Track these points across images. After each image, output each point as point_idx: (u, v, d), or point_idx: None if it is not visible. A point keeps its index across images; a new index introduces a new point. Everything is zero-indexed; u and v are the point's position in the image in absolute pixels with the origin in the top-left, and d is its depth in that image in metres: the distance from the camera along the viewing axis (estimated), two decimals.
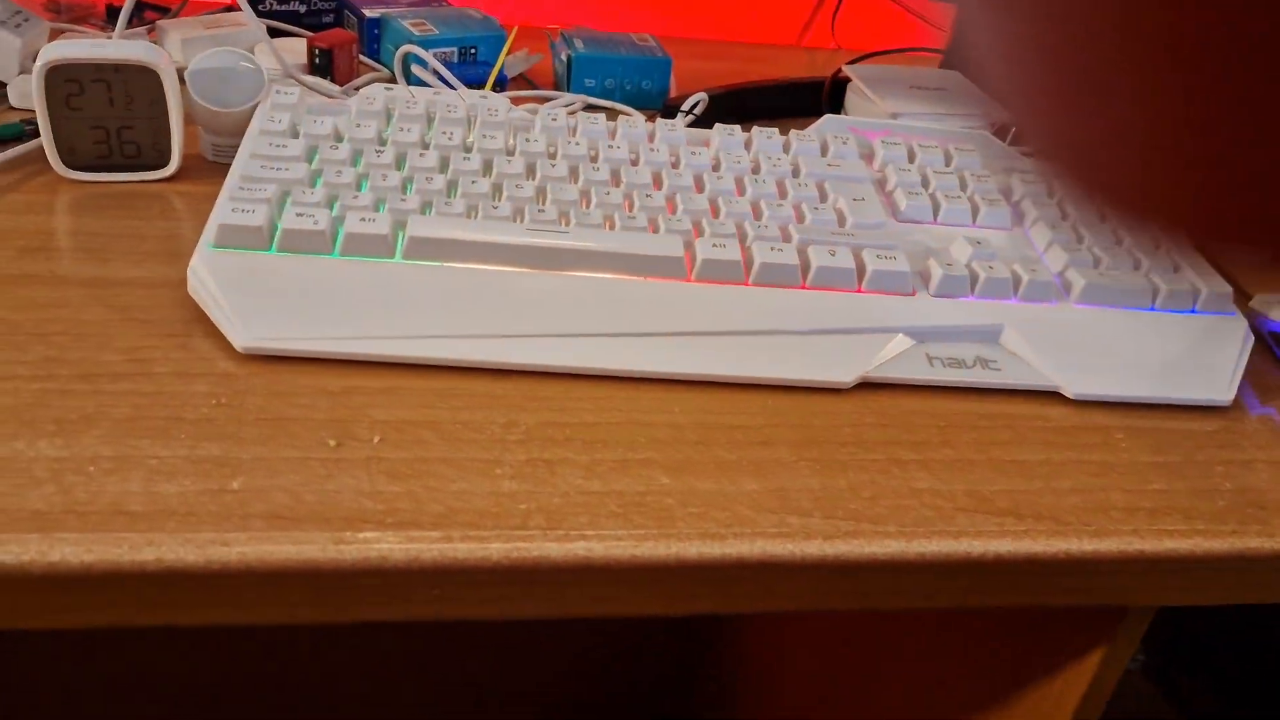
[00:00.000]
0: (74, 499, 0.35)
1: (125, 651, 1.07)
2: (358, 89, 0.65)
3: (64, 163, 0.52)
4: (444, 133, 0.52)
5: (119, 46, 0.50)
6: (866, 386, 0.45)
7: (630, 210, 0.50)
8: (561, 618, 0.37)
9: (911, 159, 0.57)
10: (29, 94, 0.58)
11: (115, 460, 0.37)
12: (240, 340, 0.42)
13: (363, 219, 0.46)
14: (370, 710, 1.14)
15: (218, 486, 0.36)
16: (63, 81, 0.50)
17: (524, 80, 0.73)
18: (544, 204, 0.49)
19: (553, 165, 0.51)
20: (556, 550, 0.36)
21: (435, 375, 0.43)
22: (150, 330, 0.43)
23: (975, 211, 0.53)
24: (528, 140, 0.53)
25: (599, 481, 0.39)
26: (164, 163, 0.54)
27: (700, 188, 0.52)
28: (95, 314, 0.44)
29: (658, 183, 0.52)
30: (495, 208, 0.48)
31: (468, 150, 0.52)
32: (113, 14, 0.71)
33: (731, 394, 0.44)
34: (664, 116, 0.63)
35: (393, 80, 0.67)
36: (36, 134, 0.53)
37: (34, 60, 0.60)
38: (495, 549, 0.35)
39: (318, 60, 0.65)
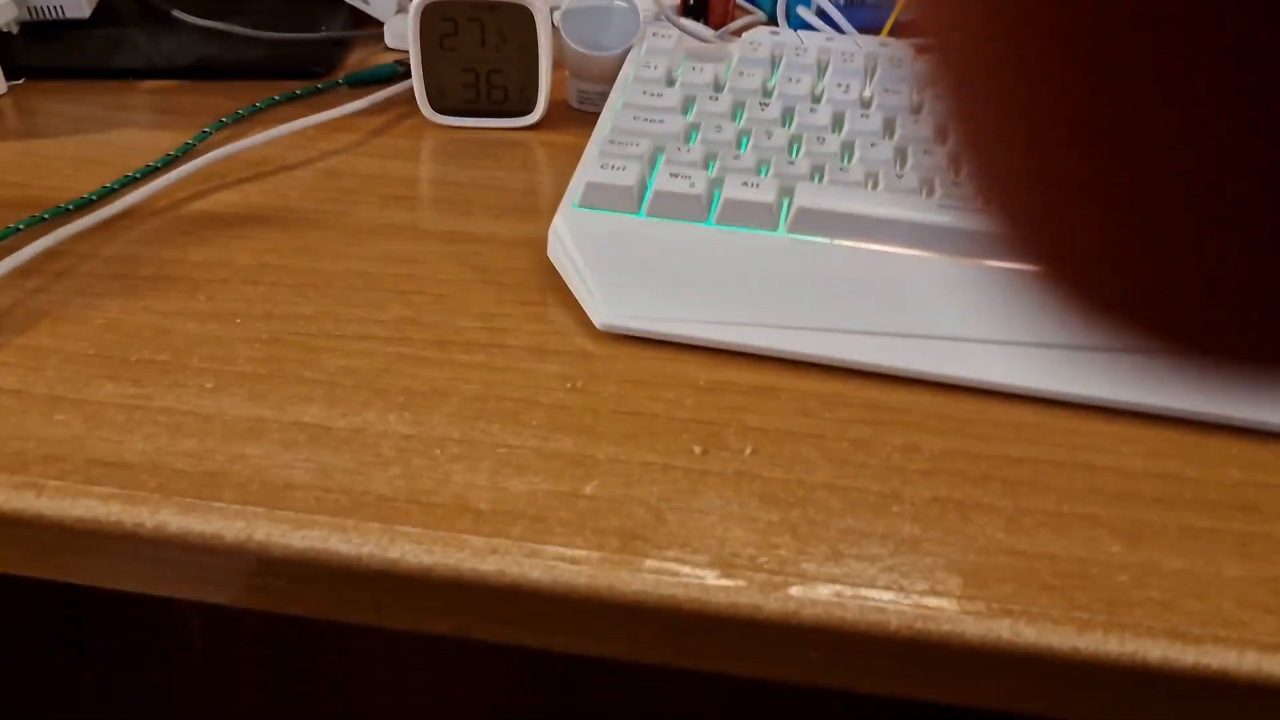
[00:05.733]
0: (419, 486, 0.31)
1: None
2: (734, 33, 0.58)
3: (432, 106, 0.50)
4: (838, 85, 0.45)
5: None
6: None
7: None
8: (959, 706, 0.30)
9: None
10: (404, 34, 0.56)
11: (463, 444, 0.33)
12: (601, 318, 0.37)
13: (744, 184, 0.39)
14: None
15: (569, 489, 0.31)
16: (438, 20, 0.47)
17: None
18: (960, 174, 0.41)
19: None
20: (973, 628, 0.28)
21: (820, 376, 0.36)
22: (506, 295, 0.39)
23: None
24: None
25: (1026, 539, 0.30)
26: (529, 109, 0.50)
27: None
28: (452, 273, 0.40)
29: None
30: (899, 177, 0.40)
31: (865, 106, 0.44)
32: None
33: (1200, 437, 0.34)
34: None
35: (772, 24, 0.60)
36: (408, 75, 0.51)
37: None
38: (894, 615, 0.28)
39: (692, 1, 0.59)
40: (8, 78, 0.52)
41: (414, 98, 0.50)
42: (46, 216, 0.42)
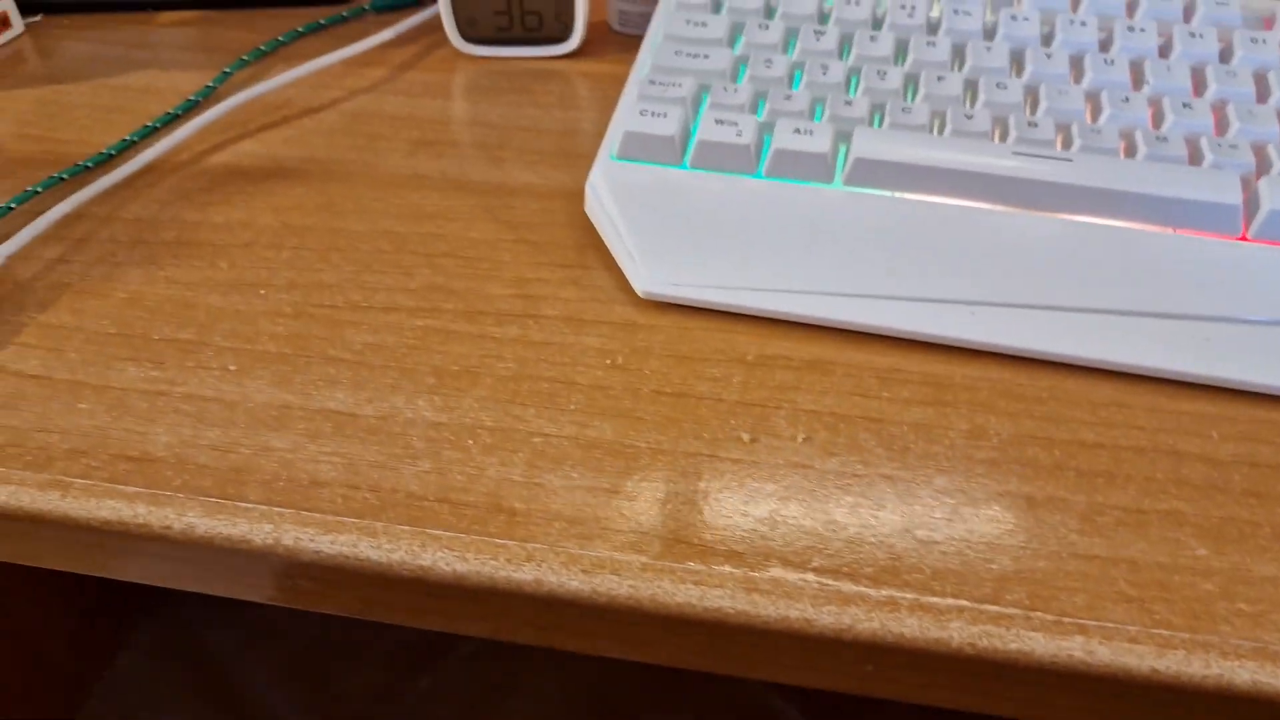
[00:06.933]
0: (450, 482, 0.29)
1: None
2: None
3: (462, 35, 0.46)
4: (901, 7, 0.41)
5: None
6: None
7: (1157, 128, 0.36)
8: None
9: None
10: None
11: (497, 434, 0.31)
12: (642, 284, 0.34)
13: (796, 130, 0.36)
14: None
15: (609, 485, 0.29)
16: None
17: None
18: (1034, 113, 0.37)
19: (1048, 56, 0.38)
20: (1042, 645, 0.26)
21: (876, 348, 0.33)
22: (541, 256, 0.37)
23: None
24: (1014, 19, 0.40)
25: (1102, 540, 0.28)
26: (566, 35, 0.47)
27: (1264, 95, 0.37)
28: (484, 231, 0.38)
29: (1198, 85, 0.37)
30: (969, 117, 0.36)
31: (932, 32, 0.40)
32: None
33: None
34: None
35: None
36: (434, 0, 0.48)
37: None
38: (956, 629, 0.26)
39: None
40: (24, 14, 0.50)
41: (441, 25, 0.47)
42: (65, 176, 0.40)
